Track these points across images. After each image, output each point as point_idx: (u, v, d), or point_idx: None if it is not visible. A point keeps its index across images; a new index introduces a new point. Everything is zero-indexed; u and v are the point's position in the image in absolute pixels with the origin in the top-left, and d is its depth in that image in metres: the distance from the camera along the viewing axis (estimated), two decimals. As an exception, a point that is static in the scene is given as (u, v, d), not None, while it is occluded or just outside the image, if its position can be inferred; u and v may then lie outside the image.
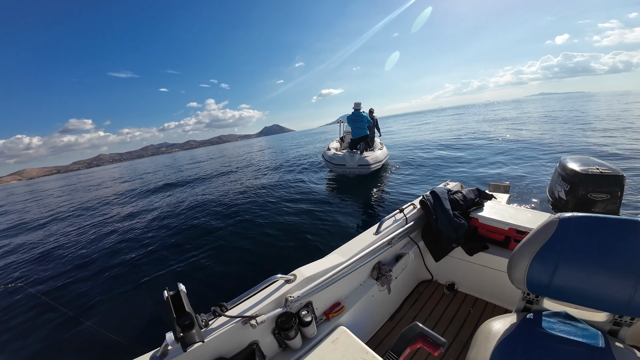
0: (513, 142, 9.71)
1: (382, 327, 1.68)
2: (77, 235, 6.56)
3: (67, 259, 5.01)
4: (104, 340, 2.54)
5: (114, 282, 3.76)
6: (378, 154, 7.49)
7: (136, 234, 5.73)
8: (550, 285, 0.92)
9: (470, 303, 1.78)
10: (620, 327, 0.89)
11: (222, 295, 1.15)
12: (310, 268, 1.31)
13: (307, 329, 1.19)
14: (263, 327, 1.11)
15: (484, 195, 1.98)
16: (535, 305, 1.03)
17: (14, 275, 4.65)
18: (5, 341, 2.81)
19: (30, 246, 6.39)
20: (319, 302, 1.34)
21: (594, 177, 1.62)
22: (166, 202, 8.72)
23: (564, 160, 1.86)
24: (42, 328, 2.92)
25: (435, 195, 1.86)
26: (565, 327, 0.91)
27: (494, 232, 1.73)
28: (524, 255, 0.97)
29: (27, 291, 3.75)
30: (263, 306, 1.09)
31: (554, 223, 0.93)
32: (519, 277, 0.98)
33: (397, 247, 1.80)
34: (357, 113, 7.18)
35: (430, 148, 11.21)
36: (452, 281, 1.92)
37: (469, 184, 5.41)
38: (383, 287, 1.60)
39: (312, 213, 5.17)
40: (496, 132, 13.41)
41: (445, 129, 18.65)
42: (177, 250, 4.46)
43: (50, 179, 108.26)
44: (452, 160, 8.40)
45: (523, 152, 7.89)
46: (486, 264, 1.72)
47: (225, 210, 6.42)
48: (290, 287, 1.18)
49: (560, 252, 0.90)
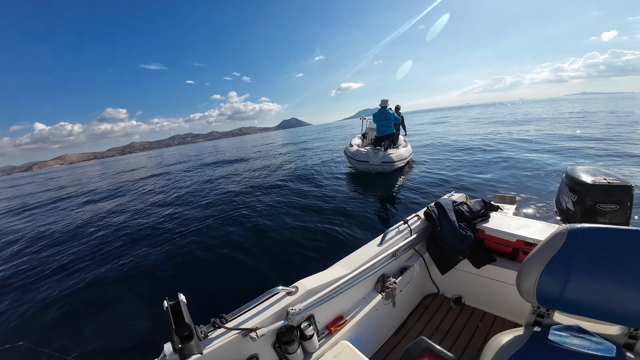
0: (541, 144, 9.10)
1: (386, 342, 1.63)
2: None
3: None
4: (101, 349, 2.51)
5: (105, 290, 3.70)
6: (402, 151, 7.40)
7: (133, 239, 5.68)
8: (561, 298, 0.89)
9: (478, 317, 1.72)
10: (636, 340, 0.86)
11: (222, 307, 1.13)
12: (313, 280, 1.29)
13: (309, 342, 1.16)
14: (263, 340, 1.08)
15: (489, 206, 1.95)
16: (546, 319, 1.00)
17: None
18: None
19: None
20: (321, 315, 1.31)
21: (602, 187, 1.59)
22: (165, 201, 8.68)
23: (571, 171, 1.84)
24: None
25: (439, 207, 1.84)
26: (578, 340, 0.88)
27: (501, 244, 1.70)
28: (533, 267, 0.94)
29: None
30: (264, 318, 1.07)
31: (563, 234, 0.91)
32: (528, 290, 0.95)
33: (402, 259, 1.77)
34: (384, 110, 7.15)
35: (457, 147, 10.73)
36: (459, 294, 1.86)
37: (481, 192, 5.32)
38: (387, 301, 1.56)
39: (325, 216, 5.00)
40: (532, 133, 12.32)
41: (474, 129, 17.47)
42: (176, 257, 4.42)
43: (89, 164, 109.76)
44: (477, 163, 7.74)
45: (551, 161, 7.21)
46: (494, 277, 1.67)
47: (230, 213, 6.39)
48: (292, 299, 1.16)
49: (571, 263, 0.88)
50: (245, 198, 7.27)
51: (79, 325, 3.06)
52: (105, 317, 3.15)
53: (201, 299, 3.15)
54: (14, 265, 5.30)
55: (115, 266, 4.50)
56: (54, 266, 4.91)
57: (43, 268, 4.84)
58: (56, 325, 3.12)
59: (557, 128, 13.45)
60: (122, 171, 24.24)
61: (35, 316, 3.33)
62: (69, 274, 4.52)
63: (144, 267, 4.27)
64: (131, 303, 3.32)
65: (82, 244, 5.95)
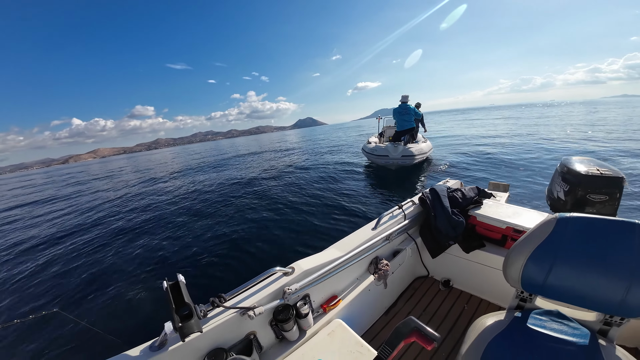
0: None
1: (377, 321, 1.70)
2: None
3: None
4: (102, 331, 2.58)
5: (105, 274, 3.79)
6: (422, 146, 7.47)
7: (139, 226, 5.76)
8: (544, 284, 0.93)
9: (464, 299, 1.80)
10: (610, 326, 0.90)
11: (220, 287, 1.16)
12: (309, 261, 1.32)
13: (304, 321, 1.21)
14: (261, 319, 1.12)
15: (483, 193, 1.98)
16: (528, 304, 1.05)
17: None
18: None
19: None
20: (316, 295, 1.35)
21: (594, 178, 1.61)
22: (176, 188, 8.76)
23: (565, 161, 1.85)
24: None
25: (434, 193, 1.86)
26: (556, 325, 0.93)
27: (491, 231, 1.74)
28: (520, 254, 0.97)
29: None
30: (261, 298, 1.10)
31: (551, 223, 0.93)
32: (514, 276, 0.99)
33: (395, 243, 1.81)
34: (405, 106, 7.22)
35: (479, 147, 10.59)
36: (448, 278, 1.94)
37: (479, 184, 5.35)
38: (379, 282, 1.62)
39: (335, 213, 5.04)
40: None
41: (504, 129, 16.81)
42: (177, 240, 4.49)
43: (119, 158, 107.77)
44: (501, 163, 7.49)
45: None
46: (482, 262, 1.73)
47: (230, 199, 6.45)
48: (289, 279, 1.20)
49: (557, 251, 0.91)
50: (259, 185, 7.38)
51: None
52: (106, 296, 3.23)
53: (200, 280, 3.23)
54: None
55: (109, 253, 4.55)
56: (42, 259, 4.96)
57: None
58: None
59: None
60: (147, 167, 23.93)
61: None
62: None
63: (150, 250, 4.35)
64: (131, 284, 3.40)
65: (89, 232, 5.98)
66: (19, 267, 4.43)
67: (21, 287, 3.75)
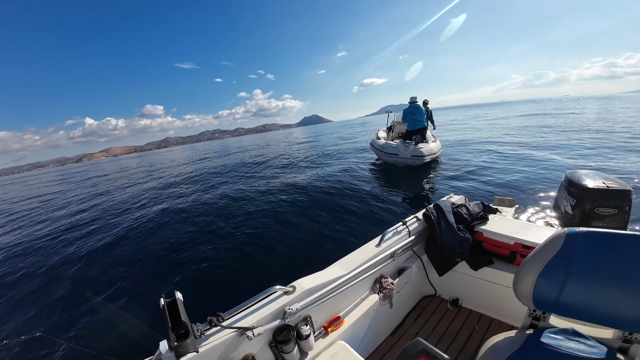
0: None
1: (383, 343, 1.63)
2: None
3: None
4: (94, 350, 2.49)
5: (100, 290, 3.69)
6: (432, 146, 7.51)
7: (133, 236, 5.68)
8: (557, 302, 0.89)
9: (474, 319, 1.72)
10: (630, 344, 0.86)
11: (219, 305, 1.13)
12: (310, 280, 1.29)
13: (305, 342, 1.16)
14: (260, 339, 1.08)
15: (488, 209, 1.95)
16: (541, 322, 1.00)
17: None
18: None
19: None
20: (318, 315, 1.31)
21: (601, 191, 1.59)
22: (181, 196, 8.74)
23: (570, 175, 1.84)
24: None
25: (438, 209, 1.84)
26: (573, 344, 0.88)
27: (499, 247, 1.70)
28: (530, 270, 0.94)
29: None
30: (260, 317, 1.07)
31: (561, 237, 0.91)
32: (525, 293, 0.95)
33: (400, 260, 1.77)
34: (416, 105, 7.44)
35: (489, 145, 10.14)
36: (456, 296, 1.86)
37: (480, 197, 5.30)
38: (385, 302, 1.56)
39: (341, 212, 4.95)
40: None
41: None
42: (175, 254, 4.41)
43: (130, 156, 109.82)
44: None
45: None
46: (491, 279, 1.68)
47: (233, 209, 6.38)
48: (290, 298, 1.16)
49: (568, 267, 0.88)
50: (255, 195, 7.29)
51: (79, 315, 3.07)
52: (100, 313, 3.15)
53: (197, 297, 3.14)
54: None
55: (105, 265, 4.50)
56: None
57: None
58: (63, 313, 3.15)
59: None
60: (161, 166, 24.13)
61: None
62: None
63: (147, 261, 4.29)
64: (128, 300, 3.32)
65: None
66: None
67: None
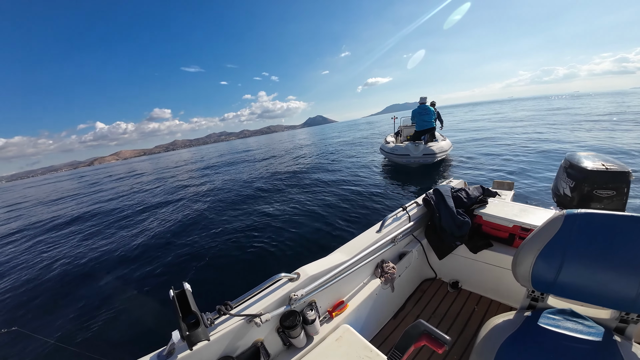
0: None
1: (385, 325, 1.68)
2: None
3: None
4: (110, 341, 2.57)
5: (110, 283, 3.79)
6: (443, 144, 7.61)
7: (142, 235, 5.78)
8: (555, 283, 0.91)
9: (474, 301, 1.77)
10: (627, 324, 0.88)
11: (226, 294, 1.16)
12: (314, 266, 1.31)
13: (311, 327, 1.19)
14: (267, 326, 1.11)
15: (487, 192, 1.97)
16: (540, 303, 1.03)
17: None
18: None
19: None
20: (322, 301, 1.34)
21: (600, 173, 1.60)
22: (183, 192, 8.83)
23: (569, 157, 1.84)
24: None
25: (438, 193, 1.85)
26: (571, 324, 0.91)
27: (498, 230, 1.72)
28: (528, 252, 0.96)
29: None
30: (267, 304, 1.09)
31: (559, 219, 0.92)
32: (523, 275, 0.98)
33: (400, 245, 1.80)
34: (424, 106, 7.46)
35: (499, 143, 10.22)
36: (456, 279, 1.91)
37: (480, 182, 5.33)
38: (386, 285, 1.60)
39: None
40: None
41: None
42: (182, 248, 4.49)
43: (140, 159, 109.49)
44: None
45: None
46: (490, 262, 1.71)
47: (232, 205, 6.45)
48: (294, 285, 1.19)
49: (566, 248, 0.89)
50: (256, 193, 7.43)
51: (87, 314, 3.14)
52: (112, 306, 3.23)
53: (205, 287, 3.22)
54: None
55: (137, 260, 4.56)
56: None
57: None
58: (53, 312, 3.23)
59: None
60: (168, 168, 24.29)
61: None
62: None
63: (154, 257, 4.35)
64: (138, 294, 3.40)
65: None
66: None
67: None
